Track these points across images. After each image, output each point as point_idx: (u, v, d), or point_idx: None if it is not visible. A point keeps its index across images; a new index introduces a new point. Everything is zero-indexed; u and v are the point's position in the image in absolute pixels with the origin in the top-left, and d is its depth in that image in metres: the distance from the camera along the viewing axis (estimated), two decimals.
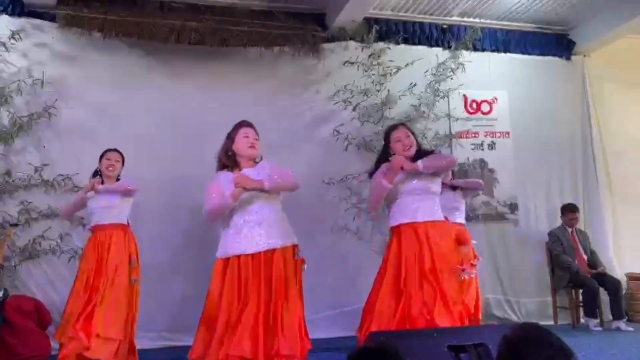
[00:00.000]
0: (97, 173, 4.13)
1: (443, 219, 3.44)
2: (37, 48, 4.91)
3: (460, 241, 3.33)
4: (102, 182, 4.06)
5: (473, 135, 5.97)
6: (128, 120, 4.96)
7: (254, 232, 3.13)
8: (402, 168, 3.35)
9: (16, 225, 4.57)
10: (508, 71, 6.19)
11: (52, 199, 4.76)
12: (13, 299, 4.33)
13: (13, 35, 4.69)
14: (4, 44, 4.68)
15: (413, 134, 3.56)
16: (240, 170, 3.28)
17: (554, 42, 6.40)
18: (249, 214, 3.17)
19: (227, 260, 3.16)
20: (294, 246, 3.21)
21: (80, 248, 4.70)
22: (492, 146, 6.04)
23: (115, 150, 4.17)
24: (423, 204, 3.36)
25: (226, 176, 3.27)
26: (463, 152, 5.88)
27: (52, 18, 4.93)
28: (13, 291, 4.45)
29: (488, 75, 6.07)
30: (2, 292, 4.25)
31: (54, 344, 4.51)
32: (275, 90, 5.40)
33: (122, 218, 4.05)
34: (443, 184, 3.76)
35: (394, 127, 3.61)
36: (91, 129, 4.88)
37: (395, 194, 3.43)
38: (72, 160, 4.82)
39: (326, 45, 5.57)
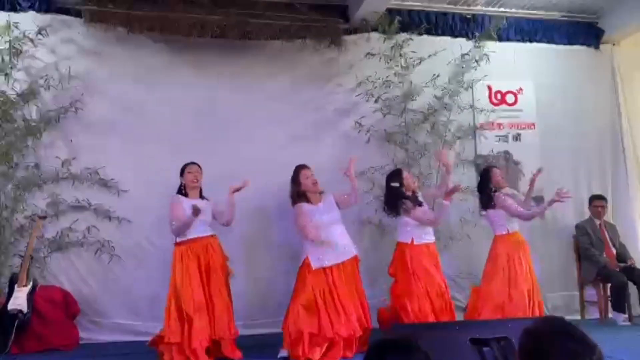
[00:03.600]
0: (181, 187, 4.30)
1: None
2: (63, 44, 4.99)
3: None
4: (186, 195, 4.26)
5: (498, 126, 5.89)
6: (152, 114, 5.03)
7: None
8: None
9: (45, 217, 4.67)
10: (534, 61, 6.07)
11: (80, 192, 4.86)
12: (42, 290, 4.46)
13: (40, 31, 4.77)
14: (31, 40, 4.75)
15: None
16: (309, 202, 4.43)
17: (581, 30, 6.25)
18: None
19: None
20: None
21: (106, 241, 4.80)
22: (517, 138, 5.94)
23: (195, 163, 4.35)
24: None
25: (309, 207, 4.40)
26: (487, 144, 5.81)
27: (78, 14, 5.00)
28: (42, 282, 4.57)
29: (513, 65, 5.96)
30: (31, 282, 4.36)
31: (82, 334, 4.65)
32: (297, 83, 5.40)
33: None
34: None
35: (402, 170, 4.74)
36: (117, 123, 4.96)
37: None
38: (99, 153, 4.91)
39: (348, 37, 5.54)
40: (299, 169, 4.49)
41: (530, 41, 6.10)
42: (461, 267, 5.33)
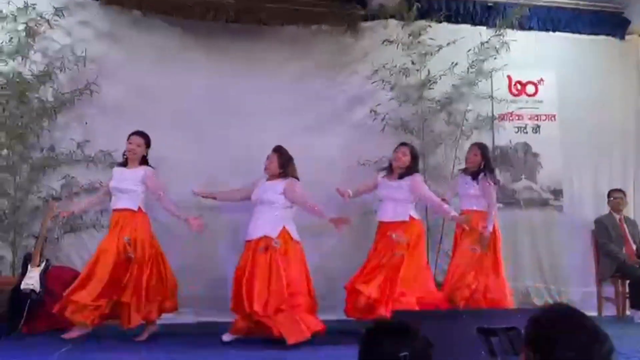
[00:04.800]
0: (123, 156, 4.36)
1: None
2: (79, 26, 4.99)
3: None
4: (127, 163, 4.31)
5: (517, 117, 5.76)
6: (166, 98, 5.00)
7: None
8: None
9: (59, 199, 4.70)
10: (556, 51, 5.92)
11: (94, 174, 4.87)
12: (55, 270, 4.48)
13: (56, 12, 4.77)
14: (47, 21, 4.76)
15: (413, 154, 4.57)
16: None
17: (606, 20, 6.07)
18: None
19: None
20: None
21: None
22: (536, 129, 5.81)
23: (138, 133, 4.31)
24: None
25: (262, 181, 4.45)
26: (505, 135, 5.70)
27: None
28: (55, 262, 4.58)
29: (534, 55, 5.82)
30: (44, 262, 4.39)
31: None
32: (312, 70, 5.34)
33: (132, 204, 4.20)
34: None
35: (401, 144, 4.65)
36: (131, 106, 4.95)
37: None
38: (113, 136, 4.89)
39: (365, 24, 5.46)
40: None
41: (553, 30, 5.94)
42: None
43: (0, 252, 4.70)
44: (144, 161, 4.34)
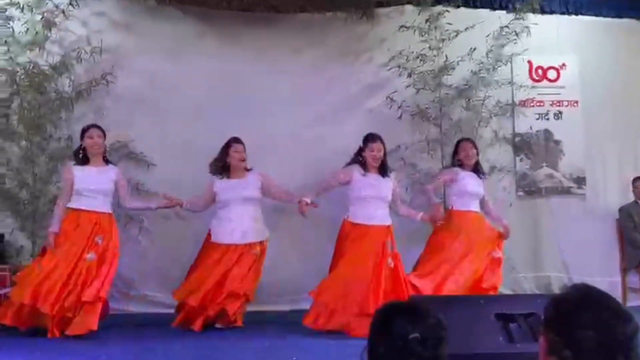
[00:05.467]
0: (79, 150, 4.23)
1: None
2: (95, 16, 5.00)
3: None
4: (87, 160, 4.19)
5: (538, 104, 5.62)
6: (181, 88, 5.00)
7: None
8: None
9: None
10: (579, 35, 5.76)
11: None
12: None
13: (71, 2, 4.77)
14: (63, 12, 4.78)
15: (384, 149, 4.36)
16: (229, 176, 4.41)
17: (630, 3, 5.86)
18: None
19: None
20: None
21: (135, 213, 4.83)
22: (558, 116, 5.66)
23: (96, 126, 4.29)
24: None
25: (221, 183, 4.39)
26: (526, 122, 5.57)
27: None
28: None
29: (556, 39, 5.66)
30: None
31: (112, 304, 4.70)
32: (327, 57, 5.27)
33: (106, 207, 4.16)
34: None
35: (374, 137, 4.35)
36: (146, 97, 4.96)
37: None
38: (129, 127, 4.93)
39: (381, 10, 5.36)
40: (232, 141, 4.41)
41: (576, 14, 5.77)
42: None
43: (19, 242, 4.76)
44: (104, 158, 4.29)
